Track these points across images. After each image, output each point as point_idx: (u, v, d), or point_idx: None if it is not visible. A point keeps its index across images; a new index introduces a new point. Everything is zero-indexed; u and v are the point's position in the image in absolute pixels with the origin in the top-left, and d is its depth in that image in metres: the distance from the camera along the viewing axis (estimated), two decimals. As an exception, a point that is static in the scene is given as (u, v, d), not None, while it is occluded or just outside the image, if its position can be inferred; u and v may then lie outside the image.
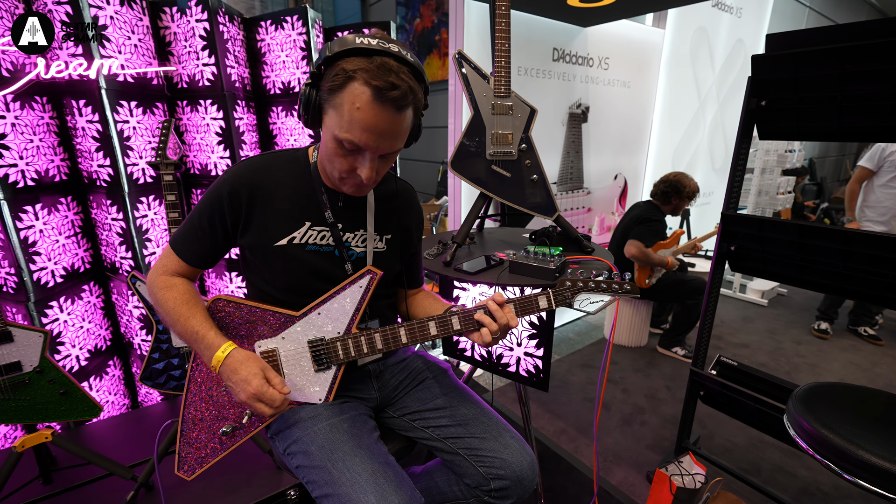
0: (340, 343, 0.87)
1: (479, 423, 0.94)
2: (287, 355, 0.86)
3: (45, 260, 1.54)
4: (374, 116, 0.70)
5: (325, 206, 0.87)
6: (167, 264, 0.88)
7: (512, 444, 0.91)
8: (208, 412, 0.88)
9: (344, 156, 0.76)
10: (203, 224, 0.85)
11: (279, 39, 1.84)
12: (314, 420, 0.86)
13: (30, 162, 1.48)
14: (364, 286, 0.87)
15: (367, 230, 0.92)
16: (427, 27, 6.10)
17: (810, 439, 0.95)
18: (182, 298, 0.84)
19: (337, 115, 0.72)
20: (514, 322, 0.86)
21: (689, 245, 2.54)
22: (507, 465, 0.88)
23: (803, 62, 1.20)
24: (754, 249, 1.42)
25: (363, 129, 0.71)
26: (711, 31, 3.36)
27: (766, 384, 1.48)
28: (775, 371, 2.51)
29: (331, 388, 0.88)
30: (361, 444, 0.82)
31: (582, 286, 0.89)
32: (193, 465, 0.88)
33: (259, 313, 0.86)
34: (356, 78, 0.69)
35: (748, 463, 1.78)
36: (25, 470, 1.41)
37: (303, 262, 0.86)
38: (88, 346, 1.73)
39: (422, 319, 0.87)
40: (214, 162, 1.82)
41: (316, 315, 0.87)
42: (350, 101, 0.70)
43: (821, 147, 7.09)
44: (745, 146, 1.41)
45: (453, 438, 0.93)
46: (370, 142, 0.73)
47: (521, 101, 1.33)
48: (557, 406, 2.15)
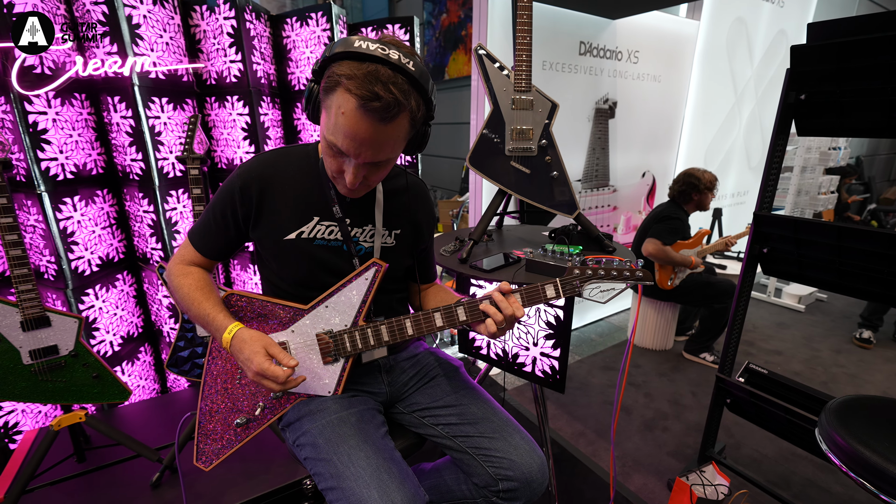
0: (348, 335, 0.87)
1: (489, 422, 0.93)
2: (297, 348, 0.88)
3: (82, 249, 1.62)
4: (356, 125, 0.69)
5: (334, 201, 0.87)
6: (185, 255, 0.91)
7: (521, 444, 0.90)
8: (223, 404, 0.90)
9: (333, 156, 0.77)
10: (217, 217, 0.87)
11: (304, 36, 1.86)
12: (323, 413, 0.87)
13: (69, 156, 1.56)
14: (370, 279, 0.87)
15: (375, 226, 0.92)
16: (453, 22, 6.07)
17: (844, 455, 0.89)
18: (196, 285, 0.87)
19: (327, 116, 0.73)
20: (521, 312, 0.84)
21: (720, 243, 2.43)
22: (515, 465, 0.87)
23: (850, 52, 1.12)
24: (789, 252, 1.35)
25: (345, 136, 0.71)
26: (751, 21, 3.19)
27: (799, 394, 1.40)
28: (811, 381, 2.38)
29: (339, 381, 0.89)
30: (368, 438, 0.83)
31: (591, 273, 0.86)
32: (211, 457, 0.91)
33: (270, 307, 0.88)
34: (342, 84, 0.68)
35: (777, 476, 1.70)
36: (61, 448, 1.49)
37: (311, 256, 0.88)
38: (121, 333, 1.82)
39: (427, 311, 0.87)
40: (240, 157, 1.87)
41: (324, 308, 0.88)
42: (337, 105, 0.70)
43: (870, 144, 6.65)
44: (781, 143, 1.34)
45: (462, 437, 0.92)
46: (351, 149, 0.72)
47: (542, 95, 1.30)
48: (577, 408, 2.11)
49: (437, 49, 6.44)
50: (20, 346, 1.29)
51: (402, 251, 0.97)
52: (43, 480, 1.41)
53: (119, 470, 1.49)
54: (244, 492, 1.39)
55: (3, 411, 1.58)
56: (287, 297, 0.89)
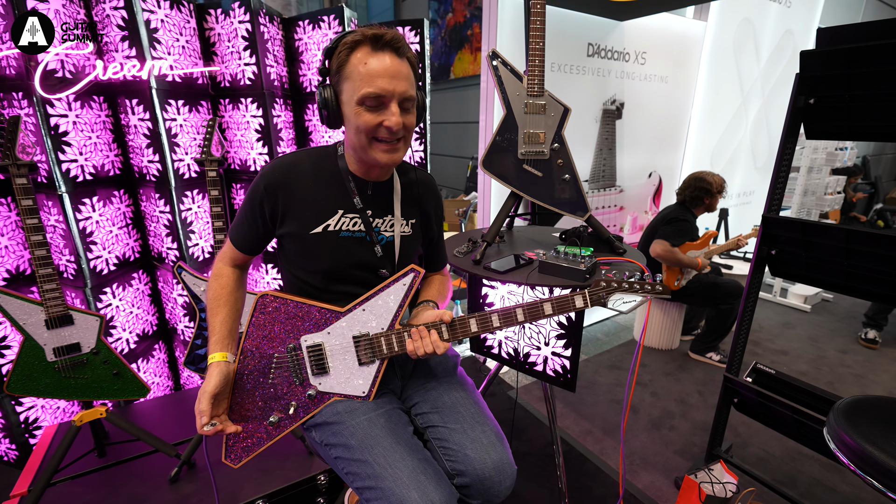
0: (384, 338, 0.90)
1: (454, 412, 0.92)
2: (332, 350, 0.90)
3: (100, 249, 1.66)
4: (380, 62, 0.80)
5: (354, 193, 0.92)
6: (226, 251, 0.99)
7: (481, 438, 0.87)
8: (255, 405, 0.92)
9: (369, 111, 0.82)
10: (248, 215, 0.93)
11: (316, 38, 1.89)
12: (351, 414, 0.89)
13: (88, 157, 1.59)
14: (407, 284, 0.90)
15: (395, 215, 0.96)
16: (459, 22, 6.08)
17: (852, 455, 0.91)
18: (217, 293, 0.94)
19: (350, 82, 0.81)
20: (440, 349, 0.88)
21: (731, 243, 2.45)
22: (468, 460, 0.85)
23: (859, 58, 1.13)
24: (797, 254, 1.37)
25: (376, 77, 0.80)
26: (758, 22, 3.20)
27: (806, 394, 1.42)
28: (817, 381, 2.39)
29: (373, 382, 0.92)
30: (400, 440, 0.85)
31: (616, 286, 0.92)
32: (241, 454, 0.93)
33: (305, 308, 0.90)
34: (356, 42, 0.80)
35: (784, 475, 1.72)
36: (82, 443, 1.53)
37: (338, 248, 0.91)
38: (137, 331, 1.85)
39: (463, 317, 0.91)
40: (253, 158, 1.90)
41: (361, 311, 0.91)
42: (357, 63, 0.80)
43: (876, 144, 6.63)
44: (790, 146, 1.35)
45: (430, 427, 0.93)
46: (386, 85, 0.80)
47: (554, 100, 1.32)
48: (584, 406, 2.14)
49: (442, 49, 6.46)
50: (44, 343, 1.32)
51: (416, 239, 1.02)
52: (65, 475, 1.44)
53: (138, 465, 1.52)
54: (259, 486, 1.42)
55: (23, 407, 1.61)
56: (313, 292, 0.93)
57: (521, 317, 0.91)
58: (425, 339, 0.88)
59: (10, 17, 1.35)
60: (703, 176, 2.41)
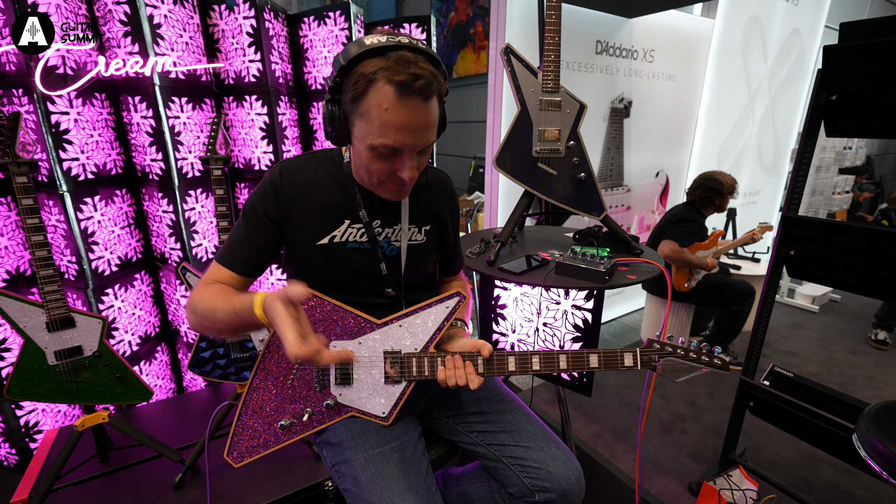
0: (416, 360, 0.86)
1: (525, 431, 0.92)
2: (361, 360, 0.87)
3: (102, 249, 1.62)
4: (405, 114, 0.69)
5: (360, 206, 0.86)
6: (208, 279, 0.84)
7: (559, 455, 0.89)
8: (270, 403, 0.89)
9: (381, 160, 0.75)
10: (248, 227, 0.84)
11: (321, 35, 1.85)
12: (365, 441, 0.85)
13: (90, 156, 1.55)
14: (450, 308, 0.87)
15: (402, 225, 0.91)
16: (462, 20, 6.04)
17: (885, 462, 0.88)
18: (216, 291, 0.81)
19: (366, 123, 0.71)
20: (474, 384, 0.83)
21: (746, 237, 2.41)
22: (553, 477, 0.86)
23: (884, 53, 1.10)
24: (817, 255, 1.33)
25: (396, 130, 0.70)
26: (765, 20, 3.16)
27: (825, 398, 1.39)
28: (828, 383, 2.36)
29: (395, 405, 0.87)
30: (411, 483, 0.80)
31: (671, 351, 0.86)
32: (243, 453, 0.89)
33: (341, 313, 0.86)
34: (377, 79, 0.67)
35: (799, 479, 1.69)
36: (84, 448, 1.49)
37: (345, 260, 0.87)
38: (139, 333, 1.82)
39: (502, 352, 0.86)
40: (258, 157, 1.86)
41: (397, 327, 0.87)
42: (377, 104, 0.68)
43: (880, 143, 6.60)
44: (810, 143, 1.32)
45: (497, 445, 0.91)
46: (406, 140, 0.71)
47: (570, 96, 1.29)
48: (593, 409, 2.11)
49: (445, 47, 6.42)
50: (45, 346, 1.29)
51: (431, 248, 0.96)
52: (67, 480, 1.41)
53: (141, 470, 1.49)
54: (266, 493, 1.39)
55: (24, 411, 1.58)
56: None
57: (563, 364, 0.86)
58: (459, 370, 0.83)
59: (9, 11, 1.31)
60: (715, 176, 2.37)
